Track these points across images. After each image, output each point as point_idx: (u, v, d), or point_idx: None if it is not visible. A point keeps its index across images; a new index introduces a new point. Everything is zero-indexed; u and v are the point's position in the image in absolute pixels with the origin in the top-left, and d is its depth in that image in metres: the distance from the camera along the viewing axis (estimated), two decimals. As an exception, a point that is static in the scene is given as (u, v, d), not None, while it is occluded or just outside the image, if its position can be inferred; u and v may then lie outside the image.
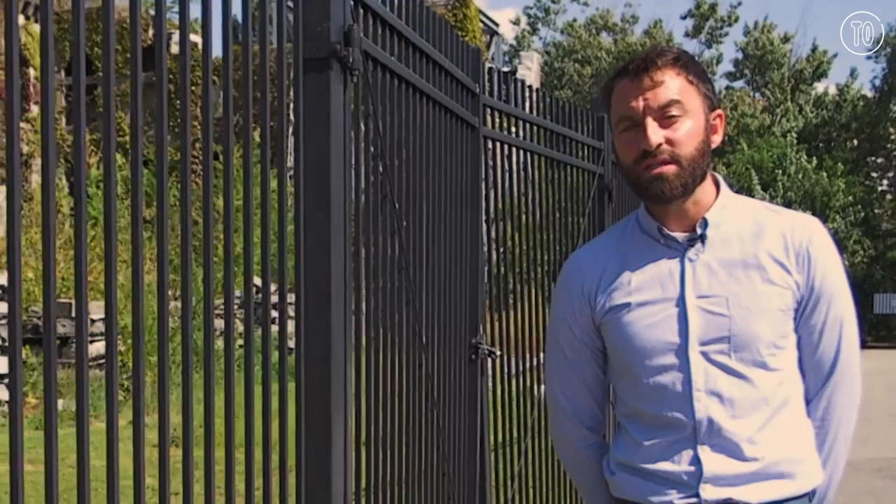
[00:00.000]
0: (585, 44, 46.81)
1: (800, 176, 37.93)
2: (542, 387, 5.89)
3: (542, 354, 5.94)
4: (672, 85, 2.52)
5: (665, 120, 2.50)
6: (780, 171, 37.67)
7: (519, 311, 5.71)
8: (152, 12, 2.72)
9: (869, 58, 53.56)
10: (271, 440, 3.08)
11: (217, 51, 2.98)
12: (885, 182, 46.31)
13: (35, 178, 22.39)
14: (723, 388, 2.52)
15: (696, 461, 2.52)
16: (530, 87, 5.82)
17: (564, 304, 2.75)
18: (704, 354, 2.52)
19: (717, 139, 2.63)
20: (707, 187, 2.61)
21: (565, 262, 2.87)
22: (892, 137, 45.17)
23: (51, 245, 2.26)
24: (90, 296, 12.24)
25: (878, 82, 44.94)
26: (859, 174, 41.91)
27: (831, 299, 2.59)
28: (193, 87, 2.75)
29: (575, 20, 49.79)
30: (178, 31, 2.50)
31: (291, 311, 3.22)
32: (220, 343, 6.39)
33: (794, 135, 41.03)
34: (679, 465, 2.53)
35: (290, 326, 3.18)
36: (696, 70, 2.59)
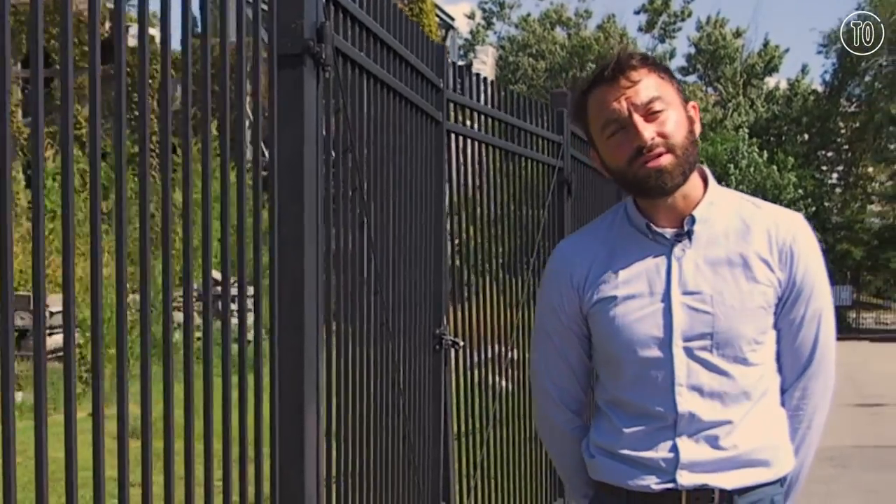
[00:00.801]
0: (540, 38, 46.99)
1: (751, 169, 38.28)
2: (500, 378, 6.00)
3: (498, 346, 6.05)
4: (649, 82, 2.56)
5: (650, 116, 2.54)
6: (733, 165, 38.00)
7: (480, 303, 5.80)
8: (110, 6, 2.72)
9: (819, 52, 54.11)
10: (231, 430, 3.13)
11: (177, 44, 2.98)
12: (834, 176, 46.85)
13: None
14: (704, 383, 2.57)
15: (674, 449, 2.57)
16: (493, 82, 5.91)
17: (553, 293, 2.78)
18: (687, 350, 2.57)
19: (697, 129, 2.64)
20: (695, 180, 2.63)
21: (553, 250, 2.90)
22: (842, 132, 45.69)
23: (7, 237, 2.26)
24: (48, 289, 12.23)
25: (828, 77, 45.43)
26: (810, 168, 42.35)
27: (811, 294, 2.63)
28: (151, 80, 2.74)
29: (529, 15, 49.99)
30: (136, 25, 2.52)
31: (250, 304, 3.28)
32: (178, 335, 6.42)
33: (746, 129, 41.35)
34: (657, 452, 2.58)
35: (249, 319, 3.24)
36: (662, 68, 2.64)
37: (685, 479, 2.56)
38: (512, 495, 6.16)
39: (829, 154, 46.26)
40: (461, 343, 5.23)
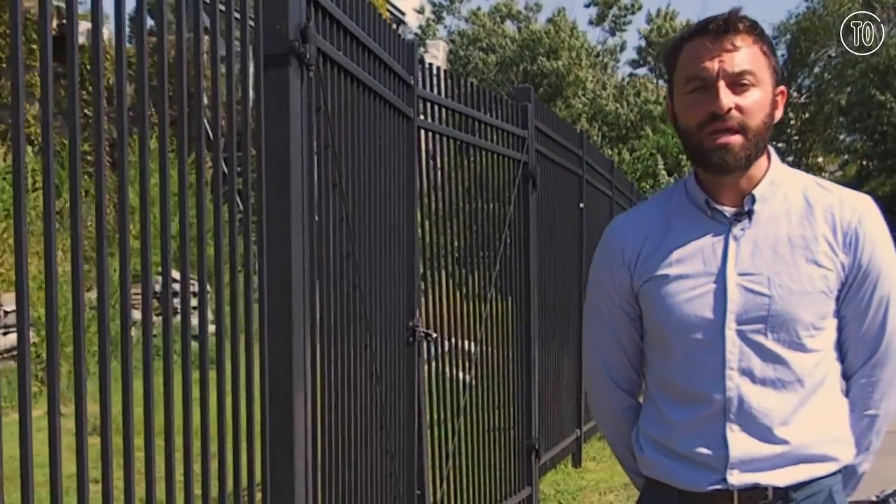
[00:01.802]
0: (490, 32, 47.04)
1: (703, 161, 38.55)
2: (464, 373, 6.12)
3: (462, 339, 6.16)
4: (748, 53, 2.45)
5: (736, 87, 2.43)
6: (685, 156, 38.27)
7: (447, 296, 5.91)
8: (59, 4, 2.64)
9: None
10: (193, 426, 3.19)
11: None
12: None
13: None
14: (756, 368, 2.46)
15: (723, 444, 2.47)
16: (460, 78, 6.03)
17: (604, 269, 2.68)
18: (740, 333, 2.47)
19: (778, 114, 2.54)
20: (760, 161, 2.53)
21: (607, 226, 2.77)
22: (793, 122, 46.15)
23: None
24: (2, 287, 12.16)
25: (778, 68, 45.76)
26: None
27: (877, 279, 2.51)
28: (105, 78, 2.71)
29: (479, 8, 50.03)
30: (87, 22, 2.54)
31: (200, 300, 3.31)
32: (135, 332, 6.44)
33: (697, 121, 41.60)
34: (707, 447, 2.49)
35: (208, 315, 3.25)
36: (768, 42, 2.51)
37: (735, 478, 2.47)
38: (482, 483, 6.29)
39: (780, 145, 46.68)
40: (434, 335, 5.34)
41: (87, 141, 9.17)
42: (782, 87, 2.57)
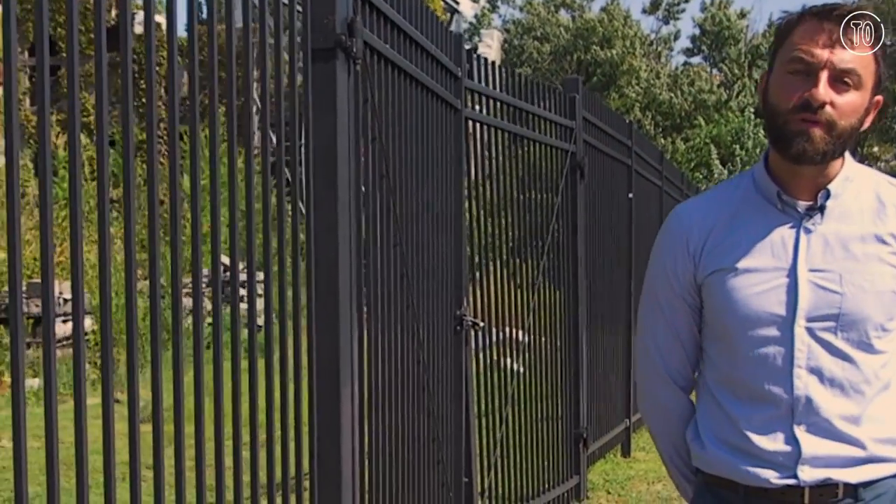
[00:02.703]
0: (544, 21, 46.92)
1: (757, 150, 38.28)
2: (511, 361, 6.16)
3: (513, 328, 6.21)
4: (861, 55, 2.37)
5: (838, 83, 2.35)
6: (738, 146, 38.03)
7: (495, 285, 5.96)
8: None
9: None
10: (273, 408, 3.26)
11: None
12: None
13: (-2, 160, 22.29)
14: (825, 367, 2.39)
15: (793, 441, 2.41)
16: (508, 69, 6.07)
17: (666, 257, 2.59)
18: (810, 331, 2.39)
19: (867, 123, 2.46)
20: (837, 160, 2.45)
21: (670, 214, 2.68)
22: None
23: (16, 225, 2.29)
24: (61, 276, 12.31)
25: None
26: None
27: None
28: (158, 68, 2.76)
29: (534, -3, 49.91)
30: (142, 12, 2.57)
31: (260, 289, 3.39)
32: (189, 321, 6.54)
33: (752, 110, 41.39)
34: (775, 443, 2.42)
35: (259, 304, 3.35)
36: (884, 49, 2.44)
37: (807, 474, 2.40)
38: (530, 471, 6.34)
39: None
40: (481, 324, 5.39)
41: (143, 130, 9.30)
42: (879, 97, 2.49)
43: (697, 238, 2.53)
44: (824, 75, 2.34)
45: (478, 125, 5.63)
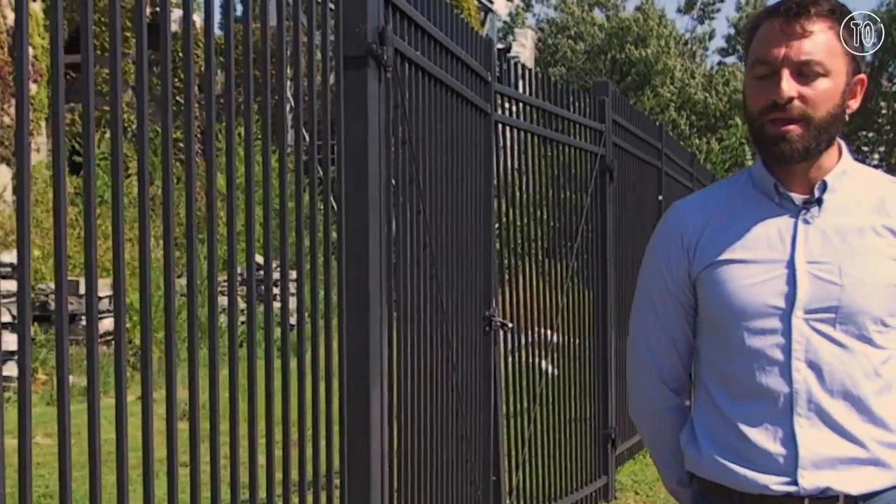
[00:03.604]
0: (578, 20, 46.89)
1: (791, 150, 38.15)
2: (540, 360, 6.23)
3: (543, 329, 6.27)
4: (820, 39, 2.33)
5: (802, 75, 2.32)
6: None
7: (525, 286, 6.03)
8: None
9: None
10: (304, 407, 3.33)
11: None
12: (875, 156, 46.58)
13: (34, 157, 22.49)
14: (823, 360, 2.33)
15: (791, 440, 2.34)
16: (537, 73, 6.14)
17: (660, 254, 2.55)
18: (808, 322, 2.33)
19: (853, 104, 2.42)
20: (832, 152, 2.41)
21: (666, 210, 2.63)
22: (883, 112, 45.46)
23: (61, 223, 2.35)
24: (98, 273, 12.45)
25: (869, 57, 45.15)
26: (851, 148, 42.11)
27: None
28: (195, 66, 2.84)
29: (568, -4, 49.89)
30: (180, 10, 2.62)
31: (292, 288, 3.47)
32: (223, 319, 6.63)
33: (786, 110, 41.20)
34: (774, 444, 2.35)
35: (291, 303, 3.42)
36: (847, 26, 2.38)
37: (807, 480, 2.32)
38: (558, 471, 6.41)
39: (871, 134, 46.01)
40: (510, 325, 5.45)
41: (178, 129, 9.40)
42: (862, 76, 2.42)
43: (692, 233, 2.48)
44: (785, 72, 2.31)
45: (507, 128, 5.70)
